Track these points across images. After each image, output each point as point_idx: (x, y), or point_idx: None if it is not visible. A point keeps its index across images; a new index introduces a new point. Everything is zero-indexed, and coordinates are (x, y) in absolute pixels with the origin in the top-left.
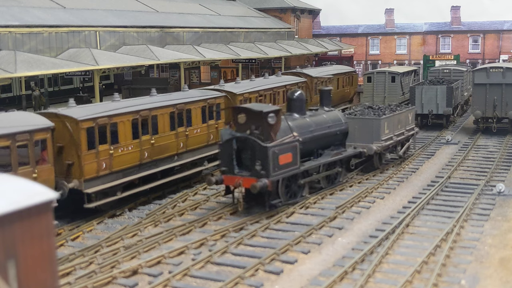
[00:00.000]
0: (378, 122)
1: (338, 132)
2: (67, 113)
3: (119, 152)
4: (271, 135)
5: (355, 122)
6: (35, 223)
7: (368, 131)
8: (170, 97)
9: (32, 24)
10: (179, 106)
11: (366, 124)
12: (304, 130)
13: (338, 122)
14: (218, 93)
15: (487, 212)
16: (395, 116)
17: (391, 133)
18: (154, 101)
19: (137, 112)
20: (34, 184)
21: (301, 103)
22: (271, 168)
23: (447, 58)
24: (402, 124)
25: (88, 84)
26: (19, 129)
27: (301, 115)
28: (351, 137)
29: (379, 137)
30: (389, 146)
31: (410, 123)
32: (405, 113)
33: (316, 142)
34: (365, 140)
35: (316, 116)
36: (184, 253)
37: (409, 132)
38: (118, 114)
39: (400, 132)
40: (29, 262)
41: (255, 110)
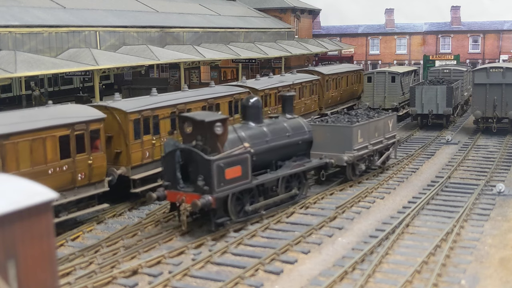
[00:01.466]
0: (349, 130)
1: (301, 142)
2: (116, 106)
3: (160, 142)
4: (217, 147)
5: (325, 130)
6: (35, 223)
7: (339, 139)
8: (201, 92)
9: (32, 24)
10: (209, 100)
11: (336, 132)
12: (259, 140)
13: (300, 131)
14: (242, 89)
15: (487, 212)
16: (371, 123)
17: (366, 142)
18: (188, 96)
19: (175, 105)
20: (34, 184)
21: (257, 111)
22: (216, 184)
23: (447, 58)
24: (380, 132)
25: (88, 84)
26: (77, 119)
27: (257, 123)
28: (322, 146)
29: (351, 146)
30: (363, 156)
31: (391, 131)
32: (383, 120)
33: (273, 153)
34: (336, 149)
35: (274, 125)
36: (184, 253)
37: (389, 140)
38: (159, 107)
39: (378, 141)
40: (29, 262)
41: (198, 119)
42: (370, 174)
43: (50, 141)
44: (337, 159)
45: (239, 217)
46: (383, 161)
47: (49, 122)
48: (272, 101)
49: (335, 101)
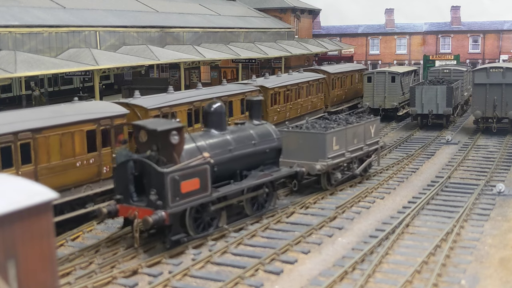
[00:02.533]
0: (323, 137)
1: (268, 150)
2: (137, 103)
3: None
4: (174, 157)
5: (298, 137)
6: (35, 223)
7: (312, 147)
8: (215, 90)
9: (32, 24)
10: (223, 98)
11: (309, 139)
12: (221, 149)
13: (268, 138)
14: (253, 87)
15: (487, 212)
16: (349, 130)
17: (343, 149)
18: (203, 93)
19: (192, 103)
20: (34, 184)
21: (220, 118)
22: (170, 198)
23: (447, 58)
24: (360, 138)
25: (88, 84)
26: (103, 115)
27: (220, 131)
28: (295, 154)
29: (325, 154)
30: (338, 164)
31: (373, 136)
32: (364, 126)
33: (237, 163)
34: (308, 157)
35: (239, 132)
36: (184, 253)
37: (371, 147)
38: (177, 104)
39: (357, 147)
40: (29, 262)
41: (150, 127)
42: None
43: (78, 136)
44: (309, 167)
45: (198, 232)
46: (365, 169)
47: (77, 117)
48: (281, 99)
49: (340, 99)
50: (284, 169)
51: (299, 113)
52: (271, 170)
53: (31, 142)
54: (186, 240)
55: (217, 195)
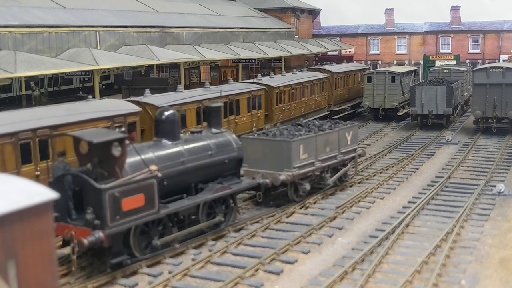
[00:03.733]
0: (288, 145)
1: (227, 160)
2: (148, 101)
3: None
4: (116, 172)
5: (263, 145)
6: (35, 223)
7: (276, 156)
8: (222, 89)
9: (32, 24)
10: (230, 96)
11: (274, 148)
12: (172, 161)
13: (227, 148)
14: (259, 86)
15: (487, 212)
16: (319, 137)
17: (312, 158)
18: (211, 92)
19: (200, 101)
20: (34, 184)
21: (173, 126)
22: (109, 217)
23: (447, 58)
24: (333, 146)
25: (88, 84)
26: (117, 112)
27: (173, 141)
28: (259, 163)
29: (290, 164)
30: (306, 174)
31: (350, 144)
32: (338, 133)
33: (191, 175)
34: (273, 167)
35: (194, 142)
36: (184, 253)
37: (347, 155)
38: (187, 102)
39: (330, 156)
40: (29, 262)
41: (86, 139)
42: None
43: None
44: (273, 178)
45: (145, 253)
46: (340, 178)
47: (92, 114)
48: (286, 97)
49: (343, 98)
50: (245, 181)
51: (303, 111)
52: (230, 182)
53: (49, 138)
54: (129, 263)
55: (166, 212)
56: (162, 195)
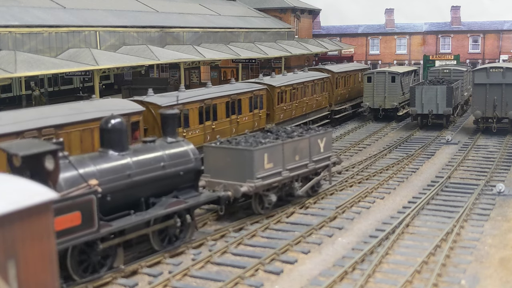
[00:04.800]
0: (250, 154)
1: (183, 172)
2: (151, 100)
3: (190, 135)
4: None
5: (225, 154)
6: (35, 223)
7: (239, 165)
8: (224, 88)
9: (32, 24)
10: (232, 96)
11: (236, 157)
12: (117, 174)
13: (183, 158)
14: (261, 86)
15: (487, 212)
16: (287, 145)
17: (279, 167)
18: (213, 92)
19: (203, 100)
20: (34, 184)
21: (120, 136)
22: None
23: (447, 58)
24: (303, 154)
25: (88, 84)
26: (120, 112)
27: (120, 152)
28: (222, 173)
29: (253, 174)
30: (272, 184)
31: (323, 152)
32: (309, 140)
33: (140, 190)
34: (236, 177)
35: (144, 153)
36: (184, 253)
37: (319, 163)
38: (189, 102)
39: (301, 165)
40: (29, 262)
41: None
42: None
43: (97, 132)
44: (234, 190)
45: (84, 276)
46: (313, 188)
47: (96, 114)
48: (288, 97)
49: (344, 98)
50: (204, 194)
51: (304, 111)
52: (187, 195)
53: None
54: (65, 287)
55: (107, 231)
56: (106, 211)
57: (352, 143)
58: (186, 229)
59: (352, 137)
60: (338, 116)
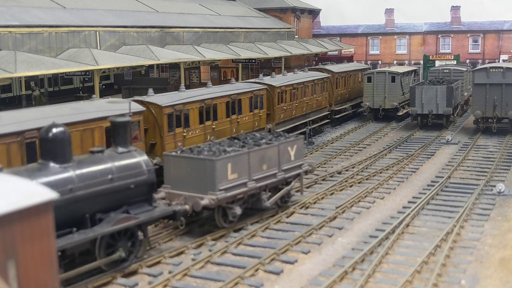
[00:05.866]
0: (211, 164)
1: (134, 185)
2: (151, 100)
3: (190, 135)
4: None
5: (186, 164)
6: (35, 223)
7: (200, 176)
8: (225, 88)
9: (32, 24)
10: (233, 96)
11: (197, 167)
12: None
13: (134, 170)
14: (261, 86)
15: (487, 212)
16: (253, 153)
17: (244, 178)
18: (214, 92)
19: (203, 100)
20: (34, 185)
21: (62, 146)
22: None
23: (447, 58)
24: (272, 163)
25: (88, 84)
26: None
27: (61, 164)
28: (182, 184)
29: (215, 186)
30: (236, 196)
31: (293, 160)
32: (278, 148)
33: (84, 205)
34: (197, 189)
35: (89, 165)
36: (184, 253)
37: (290, 172)
38: (190, 102)
39: (269, 174)
40: (29, 262)
41: None
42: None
43: (98, 132)
44: (194, 203)
45: None
46: (283, 199)
47: (97, 114)
48: (288, 97)
49: (344, 98)
50: (159, 209)
51: (304, 111)
52: (139, 210)
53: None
54: None
55: None
56: None
57: (352, 143)
58: (137, 247)
59: (352, 137)
60: (338, 116)
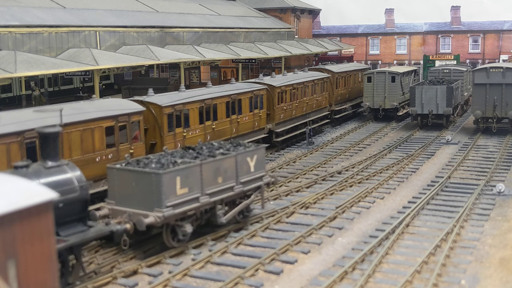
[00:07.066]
0: (158, 178)
1: (63, 204)
2: (151, 100)
3: (190, 135)
4: None
5: (130, 177)
6: (35, 223)
7: (145, 191)
8: (225, 88)
9: (32, 24)
10: (233, 96)
11: (142, 181)
12: None
13: (64, 187)
14: (261, 86)
15: (487, 212)
16: (206, 165)
17: (197, 192)
18: (214, 92)
19: (203, 100)
20: (34, 185)
21: None
22: None
23: (447, 58)
24: (228, 176)
25: (88, 84)
26: (121, 112)
27: None
28: (127, 200)
29: (161, 202)
30: (186, 213)
31: (253, 171)
32: (235, 158)
33: None
34: (142, 205)
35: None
36: (184, 253)
37: (249, 185)
38: (190, 102)
39: (225, 188)
40: (29, 262)
41: None
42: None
43: (98, 131)
44: (137, 221)
45: None
46: (242, 214)
47: (97, 114)
48: (288, 97)
49: (344, 98)
50: (94, 229)
51: (304, 111)
52: (70, 231)
53: None
54: None
55: None
56: None
57: (352, 143)
58: (69, 272)
59: (352, 137)
60: (338, 116)
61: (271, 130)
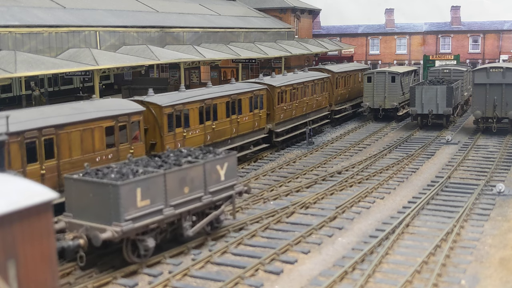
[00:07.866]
0: (115, 190)
1: None
2: (151, 100)
3: (190, 135)
4: None
5: (88, 188)
6: (35, 223)
7: (103, 204)
8: (225, 88)
9: (32, 24)
10: (233, 96)
11: (100, 193)
12: None
13: None
14: (261, 86)
15: (487, 212)
16: (171, 175)
17: (160, 204)
18: (214, 92)
19: (203, 100)
20: (34, 185)
21: None
22: None
23: (447, 58)
24: (196, 185)
25: (88, 84)
26: (120, 112)
27: None
28: (84, 213)
29: (120, 215)
30: (148, 226)
31: (224, 180)
32: (203, 166)
33: None
34: (99, 218)
35: None
36: (184, 253)
37: (219, 194)
38: (190, 102)
39: (192, 198)
40: (29, 262)
41: None
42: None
43: (98, 131)
44: (92, 236)
45: None
46: (212, 225)
47: (97, 114)
48: (288, 97)
49: (344, 98)
50: None
51: (304, 111)
52: None
53: (54, 137)
54: None
55: None
56: None
57: (352, 143)
58: None
59: (352, 137)
60: (338, 116)
61: (271, 130)
